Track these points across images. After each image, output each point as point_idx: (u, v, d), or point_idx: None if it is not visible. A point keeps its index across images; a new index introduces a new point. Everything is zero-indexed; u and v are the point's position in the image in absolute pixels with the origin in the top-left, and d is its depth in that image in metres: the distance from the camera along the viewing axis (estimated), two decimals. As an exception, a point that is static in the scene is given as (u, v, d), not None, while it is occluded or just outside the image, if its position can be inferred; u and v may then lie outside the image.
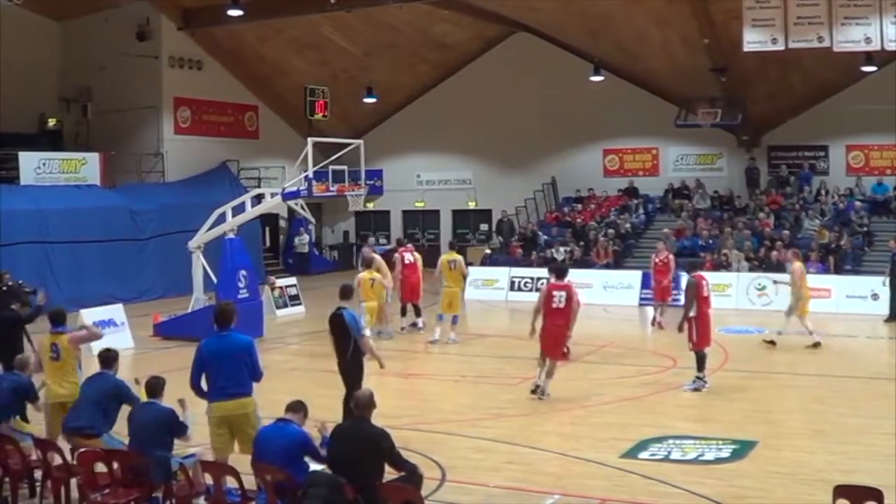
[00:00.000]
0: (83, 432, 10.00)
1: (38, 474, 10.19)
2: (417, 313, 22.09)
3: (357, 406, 8.94)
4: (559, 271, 15.81)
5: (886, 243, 27.32)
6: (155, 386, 9.89)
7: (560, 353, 15.18)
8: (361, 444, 8.62)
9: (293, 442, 8.98)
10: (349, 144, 23.38)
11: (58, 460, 9.85)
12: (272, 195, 23.57)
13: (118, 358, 10.71)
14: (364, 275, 19.61)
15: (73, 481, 9.67)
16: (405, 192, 38.26)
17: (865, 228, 28.34)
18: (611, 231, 30.84)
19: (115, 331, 19.78)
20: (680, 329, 15.76)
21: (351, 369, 12.64)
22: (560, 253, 29.17)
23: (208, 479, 9.18)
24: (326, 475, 8.66)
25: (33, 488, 10.21)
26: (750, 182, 32.87)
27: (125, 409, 10.18)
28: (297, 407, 9.33)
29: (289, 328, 23.54)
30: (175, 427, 9.63)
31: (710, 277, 17.47)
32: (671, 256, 23.05)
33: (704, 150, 34.36)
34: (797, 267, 19.60)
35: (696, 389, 15.39)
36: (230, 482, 9.09)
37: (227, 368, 9.98)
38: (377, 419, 8.96)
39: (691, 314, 15.47)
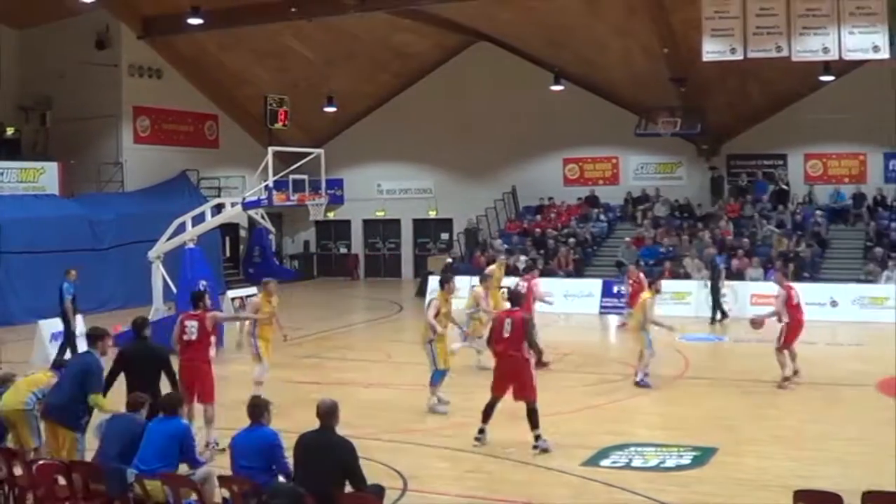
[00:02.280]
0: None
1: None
2: None
3: (319, 414, 8.77)
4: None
5: (844, 251, 27.72)
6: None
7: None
8: (323, 455, 8.52)
9: (266, 443, 8.94)
10: (310, 154, 23.37)
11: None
12: (232, 205, 23.47)
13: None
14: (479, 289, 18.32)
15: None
16: (366, 202, 38.22)
17: (823, 237, 28.57)
18: (571, 240, 30.92)
19: (74, 342, 19.51)
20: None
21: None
22: (521, 262, 29.16)
23: (169, 494, 9.06)
24: (288, 486, 8.59)
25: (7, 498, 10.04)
26: (715, 191, 33.05)
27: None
28: (262, 409, 9.19)
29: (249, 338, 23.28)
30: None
31: (669, 286, 17.61)
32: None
33: (664, 159, 34.57)
34: None
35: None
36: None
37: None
38: (340, 429, 8.88)
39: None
